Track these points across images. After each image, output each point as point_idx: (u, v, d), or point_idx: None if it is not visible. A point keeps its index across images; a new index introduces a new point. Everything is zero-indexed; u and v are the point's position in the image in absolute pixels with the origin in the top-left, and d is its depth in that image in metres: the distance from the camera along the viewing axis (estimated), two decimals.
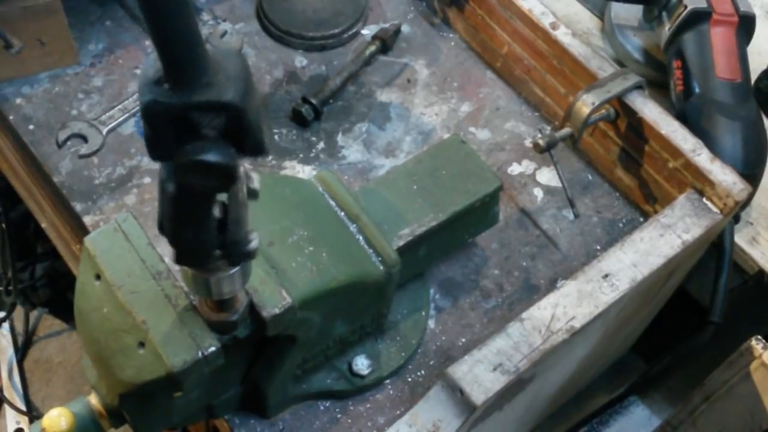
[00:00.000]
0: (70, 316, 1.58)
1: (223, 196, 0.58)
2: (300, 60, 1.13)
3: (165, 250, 0.72)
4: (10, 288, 1.49)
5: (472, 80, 1.13)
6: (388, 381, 0.89)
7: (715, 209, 0.92)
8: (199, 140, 0.51)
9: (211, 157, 0.52)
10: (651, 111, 0.96)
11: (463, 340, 0.92)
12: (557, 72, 1.04)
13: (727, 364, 1.03)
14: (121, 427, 0.77)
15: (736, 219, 1.02)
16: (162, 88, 0.50)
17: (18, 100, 1.05)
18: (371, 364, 0.87)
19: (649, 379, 1.24)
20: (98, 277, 0.72)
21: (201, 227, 0.58)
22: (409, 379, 0.89)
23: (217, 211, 0.58)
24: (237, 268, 0.64)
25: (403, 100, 1.10)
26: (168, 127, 0.51)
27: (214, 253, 0.60)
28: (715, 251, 1.00)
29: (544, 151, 0.96)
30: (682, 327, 1.12)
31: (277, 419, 0.85)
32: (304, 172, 1.03)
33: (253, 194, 0.59)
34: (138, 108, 1.03)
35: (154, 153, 0.53)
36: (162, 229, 0.59)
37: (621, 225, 1.02)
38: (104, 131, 1.03)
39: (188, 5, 0.48)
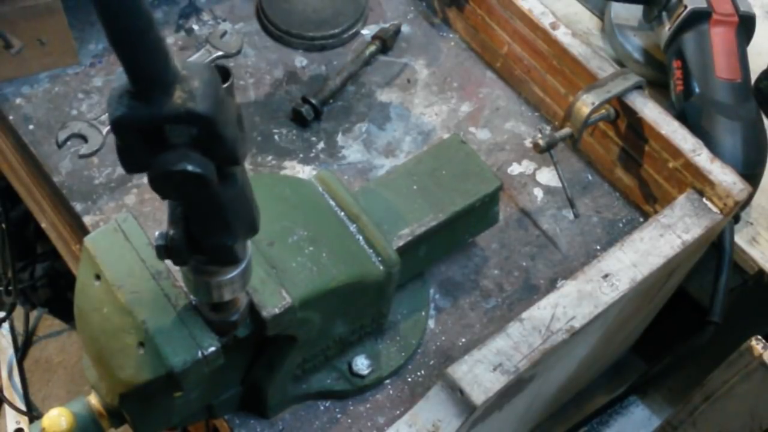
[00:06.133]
0: (70, 316, 1.58)
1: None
2: (300, 60, 1.13)
3: None
4: (10, 288, 1.49)
5: (472, 80, 1.13)
6: (388, 381, 0.89)
7: (715, 209, 0.92)
8: (172, 150, 0.52)
9: (184, 166, 0.52)
10: (651, 111, 0.96)
11: (463, 340, 0.92)
12: (557, 72, 1.04)
13: (727, 364, 1.03)
14: (121, 427, 0.77)
15: (736, 219, 1.02)
16: (132, 102, 0.50)
17: (18, 100, 1.05)
18: (371, 364, 0.87)
19: (649, 379, 1.24)
20: (98, 277, 0.72)
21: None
22: (409, 379, 0.89)
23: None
24: (237, 272, 0.64)
25: (403, 100, 1.10)
26: (139, 140, 0.51)
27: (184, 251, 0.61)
28: (715, 251, 1.00)
29: (544, 151, 0.96)
30: (682, 327, 1.12)
31: (277, 419, 0.85)
32: (304, 172, 1.03)
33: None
34: None
35: (128, 166, 0.53)
36: None
37: (621, 225, 1.02)
38: (104, 131, 1.03)
39: (149, 19, 0.47)
